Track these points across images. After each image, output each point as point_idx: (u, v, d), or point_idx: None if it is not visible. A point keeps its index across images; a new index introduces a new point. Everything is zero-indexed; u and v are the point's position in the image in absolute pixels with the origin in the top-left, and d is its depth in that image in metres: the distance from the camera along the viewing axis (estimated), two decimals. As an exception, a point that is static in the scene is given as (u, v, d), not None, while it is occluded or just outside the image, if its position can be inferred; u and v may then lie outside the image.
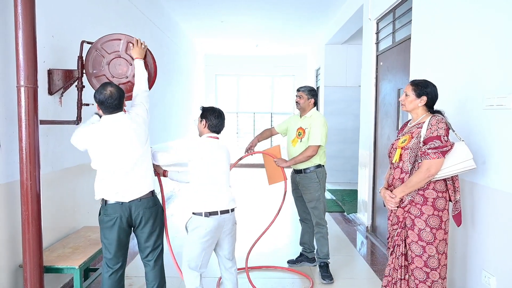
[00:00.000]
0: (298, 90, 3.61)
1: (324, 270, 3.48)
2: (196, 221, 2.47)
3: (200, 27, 7.84)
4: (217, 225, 2.48)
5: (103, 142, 2.35)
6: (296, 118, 3.63)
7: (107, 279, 2.46)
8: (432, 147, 2.21)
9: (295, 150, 3.47)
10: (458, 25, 2.85)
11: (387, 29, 4.49)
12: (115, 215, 2.38)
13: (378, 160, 4.75)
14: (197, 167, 2.52)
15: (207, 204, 2.47)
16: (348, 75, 8.16)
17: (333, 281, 3.40)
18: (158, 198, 2.57)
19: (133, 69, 2.78)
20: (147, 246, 2.53)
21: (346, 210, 5.88)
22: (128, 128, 2.39)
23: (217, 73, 11.30)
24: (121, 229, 2.41)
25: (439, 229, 2.28)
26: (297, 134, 3.49)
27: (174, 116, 7.22)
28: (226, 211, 2.51)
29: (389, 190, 2.43)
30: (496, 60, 2.43)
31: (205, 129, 2.63)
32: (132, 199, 2.40)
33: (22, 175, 2.37)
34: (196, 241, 2.48)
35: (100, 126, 2.39)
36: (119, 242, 2.43)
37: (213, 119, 2.60)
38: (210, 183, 2.51)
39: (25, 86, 2.34)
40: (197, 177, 2.52)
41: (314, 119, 3.45)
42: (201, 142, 2.59)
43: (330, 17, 7.03)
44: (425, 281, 2.29)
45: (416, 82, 2.42)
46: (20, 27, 2.32)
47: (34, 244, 2.40)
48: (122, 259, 2.49)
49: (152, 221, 2.48)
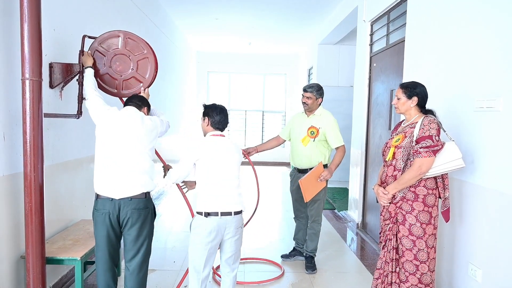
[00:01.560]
0: (305, 90, 3.50)
1: (309, 261, 3.64)
2: (197, 221, 2.43)
3: (194, 24, 7.87)
4: (217, 226, 2.39)
5: (114, 123, 2.42)
6: (302, 117, 3.60)
7: (101, 274, 2.48)
8: (424, 146, 2.32)
9: (306, 150, 3.47)
10: (451, 29, 2.97)
11: (381, 31, 4.60)
12: (104, 210, 2.37)
13: (369, 159, 4.87)
14: (203, 165, 2.44)
15: (207, 204, 2.41)
16: (340, 75, 8.28)
17: (315, 272, 3.57)
18: (152, 201, 2.54)
19: (134, 64, 2.88)
20: (130, 249, 2.45)
21: (337, 208, 6.01)
22: (141, 125, 2.45)
23: (209, 70, 11.31)
24: (110, 226, 2.39)
25: (428, 224, 2.39)
26: (309, 133, 3.46)
27: (166, 111, 7.24)
28: (228, 213, 2.41)
29: (382, 187, 2.54)
30: (487, 64, 2.55)
31: (208, 127, 2.56)
32: (122, 197, 2.37)
33: (26, 167, 2.40)
34: (196, 241, 2.42)
35: (119, 111, 2.48)
36: (108, 238, 2.42)
37: (215, 115, 2.54)
38: (213, 183, 2.42)
39: (30, 79, 2.38)
40: (202, 176, 2.44)
41: (327, 118, 3.48)
42: (207, 140, 2.51)
43: (324, 17, 7.13)
44: (415, 273, 2.41)
45: (405, 85, 2.53)
46: (26, 20, 2.35)
47: (36, 235, 2.44)
48: (113, 256, 2.48)
49: (139, 224, 2.42)
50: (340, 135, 3.46)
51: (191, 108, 10.25)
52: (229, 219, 2.42)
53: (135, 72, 2.91)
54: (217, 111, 2.55)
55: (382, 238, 2.58)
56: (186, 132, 9.46)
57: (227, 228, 2.43)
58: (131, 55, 2.90)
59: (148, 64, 2.93)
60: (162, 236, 4.54)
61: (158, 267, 3.56)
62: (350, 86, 7.80)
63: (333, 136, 3.43)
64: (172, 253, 4.00)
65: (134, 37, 2.92)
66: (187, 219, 5.56)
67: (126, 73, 2.91)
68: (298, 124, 3.59)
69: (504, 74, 2.39)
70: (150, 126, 2.51)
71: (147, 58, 2.92)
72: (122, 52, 2.89)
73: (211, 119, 2.54)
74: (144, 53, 2.92)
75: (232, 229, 2.45)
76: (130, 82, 2.93)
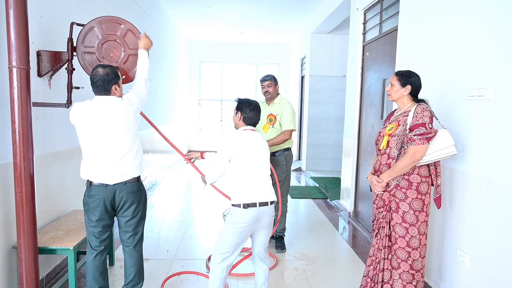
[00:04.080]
0: (264, 80, 3.78)
1: (279, 241, 3.86)
2: (235, 213, 2.45)
3: (186, 12, 7.77)
4: (255, 217, 2.45)
5: (91, 121, 2.36)
6: (264, 106, 3.79)
7: (91, 261, 2.50)
8: (418, 134, 2.33)
9: (267, 136, 3.68)
10: (443, 18, 2.97)
11: (374, 20, 4.59)
12: (98, 196, 2.41)
13: (362, 148, 4.89)
14: (237, 159, 2.47)
15: (245, 195, 2.44)
16: (333, 65, 8.26)
17: (285, 251, 3.81)
18: (143, 185, 2.60)
19: (125, 56, 2.80)
20: (127, 230, 2.56)
21: (329, 197, 6.05)
22: (118, 112, 2.40)
23: (201, 60, 11.23)
24: (104, 211, 2.44)
25: (421, 212, 2.42)
26: (268, 120, 3.71)
27: (158, 101, 7.19)
28: (265, 203, 2.47)
29: (376, 175, 2.56)
30: (478, 53, 2.55)
31: (240, 121, 2.60)
32: (116, 182, 2.42)
33: (15, 157, 2.37)
34: (231, 231, 2.46)
35: (90, 104, 2.39)
36: (102, 224, 2.47)
37: (249, 111, 2.57)
38: (250, 174, 2.48)
39: (17, 67, 2.32)
40: (237, 169, 2.48)
41: (284, 105, 3.73)
42: (240, 135, 2.54)
43: (316, 6, 7.08)
44: (407, 260, 2.44)
45: (400, 73, 2.54)
46: (11, 6, 2.28)
47: (28, 225, 2.42)
48: (106, 242, 2.53)
49: (134, 206, 2.51)
50: (292, 121, 3.67)
51: (183, 98, 10.18)
52: (266, 209, 2.48)
53: (123, 64, 2.83)
54: (251, 108, 2.58)
55: (375, 226, 2.60)
56: (179, 121, 9.41)
57: (263, 218, 2.50)
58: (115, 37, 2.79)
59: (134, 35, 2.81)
60: (156, 226, 4.54)
61: (151, 256, 3.56)
62: (343, 75, 7.80)
63: (284, 120, 3.67)
64: (165, 242, 4.00)
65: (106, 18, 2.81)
66: (180, 209, 5.57)
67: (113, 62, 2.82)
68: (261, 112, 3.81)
69: (495, 63, 2.40)
70: (129, 108, 2.45)
71: (130, 31, 2.81)
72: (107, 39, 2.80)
73: (244, 114, 2.58)
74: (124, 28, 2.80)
75: (268, 219, 2.52)
76: (130, 62, 2.82)
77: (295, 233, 4.39)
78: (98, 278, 2.52)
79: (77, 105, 2.41)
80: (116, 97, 2.44)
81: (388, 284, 2.51)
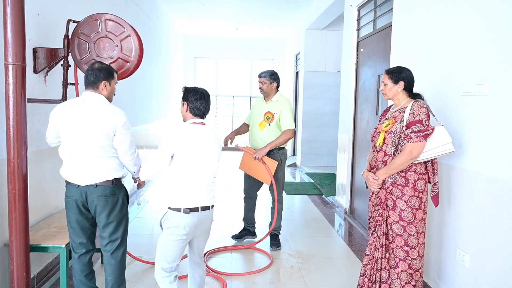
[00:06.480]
0: (260, 76, 3.69)
1: (274, 238, 3.82)
2: (173, 219, 2.23)
3: (181, 8, 7.72)
4: (197, 222, 2.25)
5: (68, 117, 2.30)
6: (261, 102, 3.77)
7: (76, 262, 2.43)
8: (415, 131, 2.33)
9: (263, 133, 3.64)
10: (438, 13, 2.96)
11: (368, 16, 4.58)
12: (72, 197, 2.33)
13: (357, 144, 4.90)
14: (181, 156, 2.23)
15: (187, 199, 2.23)
16: (327, 61, 8.27)
17: (280, 248, 3.77)
18: (123, 188, 2.44)
19: (114, 57, 2.80)
20: (103, 236, 2.43)
21: (324, 193, 6.06)
22: (98, 112, 2.29)
23: (196, 56, 11.17)
24: (79, 212, 2.34)
25: (418, 210, 2.41)
26: (265, 118, 3.65)
27: (153, 97, 7.16)
28: (206, 207, 2.28)
29: (372, 172, 2.55)
30: (474, 49, 2.55)
31: (187, 113, 2.35)
32: (87, 184, 2.30)
33: (9, 153, 2.34)
34: (173, 242, 2.25)
35: (73, 101, 2.37)
36: (80, 226, 2.38)
37: (195, 101, 2.31)
38: (194, 175, 2.24)
39: (13, 64, 2.32)
40: (180, 168, 2.24)
41: (282, 103, 3.65)
42: (186, 129, 2.30)
43: (311, 2, 7.06)
44: (405, 259, 2.43)
45: (390, 70, 2.53)
46: (8, 3, 2.29)
47: (20, 222, 2.38)
48: (87, 246, 2.44)
49: (107, 212, 2.35)
50: (291, 120, 3.60)
51: (178, 93, 10.12)
52: (207, 213, 2.31)
53: (120, 52, 2.82)
54: (197, 96, 2.32)
55: (371, 223, 2.59)
56: (173, 118, 9.36)
57: (204, 223, 2.33)
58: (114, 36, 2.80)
59: (132, 42, 2.82)
60: (149, 223, 4.51)
61: (145, 254, 3.53)
62: (337, 71, 7.80)
63: (284, 119, 3.59)
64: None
65: (114, 18, 2.81)
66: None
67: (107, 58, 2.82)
68: (257, 109, 3.78)
69: (491, 58, 2.40)
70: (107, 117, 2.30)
71: (130, 36, 2.81)
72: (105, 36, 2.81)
73: (191, 104, 2.32)
74: (126, 32, 2.81)
75: (208, 224, 2.36)
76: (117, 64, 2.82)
77: (290, 230, 4.37)
78: (84, 281, 2.46)
79: (60, 104, 2.39)
80: (103, 97, 2.37)
81: (386, 284, 2.48)
